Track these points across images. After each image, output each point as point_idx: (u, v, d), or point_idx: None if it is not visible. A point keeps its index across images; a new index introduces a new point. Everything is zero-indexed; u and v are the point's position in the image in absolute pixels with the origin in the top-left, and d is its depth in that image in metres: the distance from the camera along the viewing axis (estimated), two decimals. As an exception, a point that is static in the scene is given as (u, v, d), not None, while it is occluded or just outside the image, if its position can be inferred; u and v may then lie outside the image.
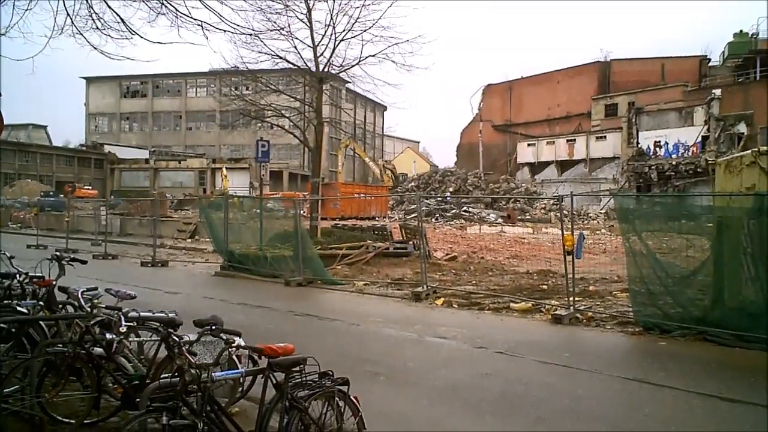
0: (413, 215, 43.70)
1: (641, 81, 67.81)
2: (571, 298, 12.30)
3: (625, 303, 12.72)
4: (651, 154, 59.82)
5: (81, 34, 11.04)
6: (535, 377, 8.40)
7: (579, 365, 8.86)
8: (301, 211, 20.84)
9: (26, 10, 10.97)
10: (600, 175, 66.93)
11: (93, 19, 10.90)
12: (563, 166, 71.86)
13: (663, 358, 9.31)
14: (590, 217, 51.88)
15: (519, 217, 50.23)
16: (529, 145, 76.56)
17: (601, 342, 10.67)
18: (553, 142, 73.44)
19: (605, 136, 67.45)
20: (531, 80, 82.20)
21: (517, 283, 16.83)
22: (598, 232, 34.68)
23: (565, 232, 12.65)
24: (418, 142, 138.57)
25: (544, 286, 15.96)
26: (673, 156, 57.89)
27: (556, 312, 12.13)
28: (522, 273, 18.76)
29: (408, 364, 9.05)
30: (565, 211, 15.05)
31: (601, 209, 54.98)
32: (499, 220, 48.52)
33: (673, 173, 55.75)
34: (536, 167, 74.69)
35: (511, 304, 13.55)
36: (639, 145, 60.62)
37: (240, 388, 5.97)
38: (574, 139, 71.13)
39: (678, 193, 45.12)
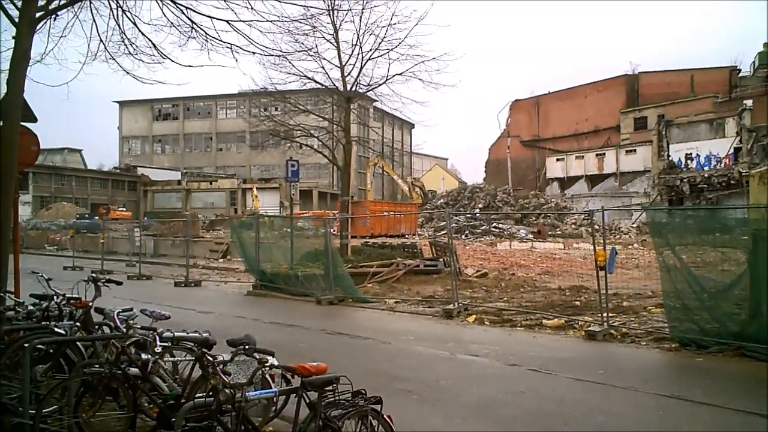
0: (443, 232, 43.61)
1: (670, 93, 67.18)
2: (605, 314, 12.16)
3: (660, 318, 12.51)
4: (682, 166, 59.06)
5: (114, 59, 11.34)
6: (569, 394, 8.30)
7: (614, 382, 8.73)
8: (331, 230, 20.93)
9: (61, 37, 11.30)
10: (631, 188, 66.27)
11: (125, 45, 11.19)
12: (593, 180, 71.28)
13: (700, 375, 9.15)
14: (622, 231, 51.29)
15: (549, 233, 49.84)
16: (558, 159, 76.13)
17: (636, 358, 10.51)
18: (582, 156, 72.94)
19: (635, 150, 66.81)
20: (558, 95, 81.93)
21: (549, 299, 16.67)
22: (630, 246, 34.31)
23: (597, 247, 12.54)
24: (446, 159, 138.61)
25: (577, 302, 15.79)
26: (705, 168, 57.09)
27: (589, 328, 11.99)
28: (554, 289, 18.58)
29: (440, 382, 9.01)
30: (596, 226, 14.92)
31: (633, 223, 54.30)
32: (530, 235, 48.19)
33: (705, 186, 54.86)
34: (566, 182, 74.21)
35: (544, 321, 13.43)
36: (670, 158, 59.91)
37: (273, 408, 6.00)
38: (604, 153, 70.58)
39: (711, 206, 44.40)
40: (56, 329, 6.93)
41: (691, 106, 62.93)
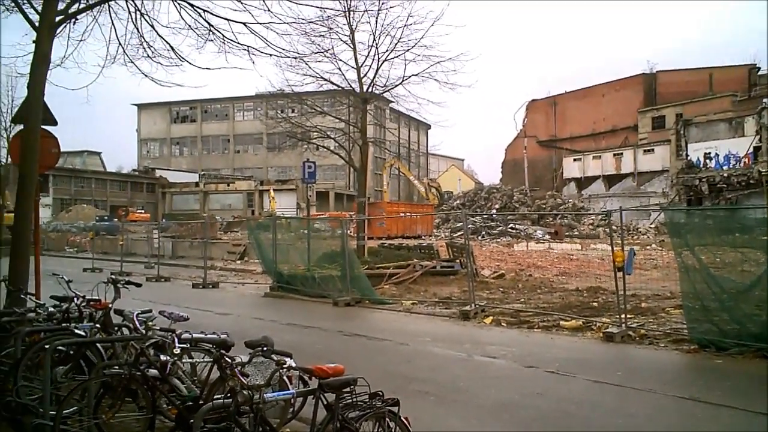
0: (459, 233, 43.54)
1: (688, 92, 66.61)
2: (623, 315, 12.08)
3: (679, 320, 12.40)
4: (701, 166, 58.53)
5: (133, 62, 11.47)
6: (587, 396, 8.26)
7: (632, 384, 8.67)
8: (348, 231, 20.96)
9: (80, 41, 11.45)
10: (649, 188, 65.78)
11: (144, 48, 11.32)
12: (610, 180, 70.84)
13: (719, 377, 9.07)
14: (640, 231, 50.95)
15: (566, 233, 49.61)
16: (575, 159, 75.76)
17: (654, 360, 10.43)
18: (600, 156, 72.50)
19: (653, 149, 66.31)
20: (575, 95, 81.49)
21: (567, 300, 16.60)
22: (648, 247, 34.07)
23: (614, 248, 12.47)
24: (463, 160, 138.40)
25: (595, 304, 15.71)
26: (724, 168, 56.52)
27: (607, 330, 11.92)
28: (571, 290, 18.50)
29: (457, 383, 9.00)
30: (614, 227, 14.84)
31: (651, 224, 53.93)
32: (547, 236, 48.03)
33: (724, 185, 54.34)
34: (583, 182, 73.81)
35: (561, 322, 13.37)
36: (688, 158, 59.41)
37: (291, 409, 6.02)
38: (621, 153, 70.11)
39: (731, 206, 43.95)
40: (76, 331, 6.98)
41: (710, 104, 62.35)
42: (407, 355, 11.06)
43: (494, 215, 54.72)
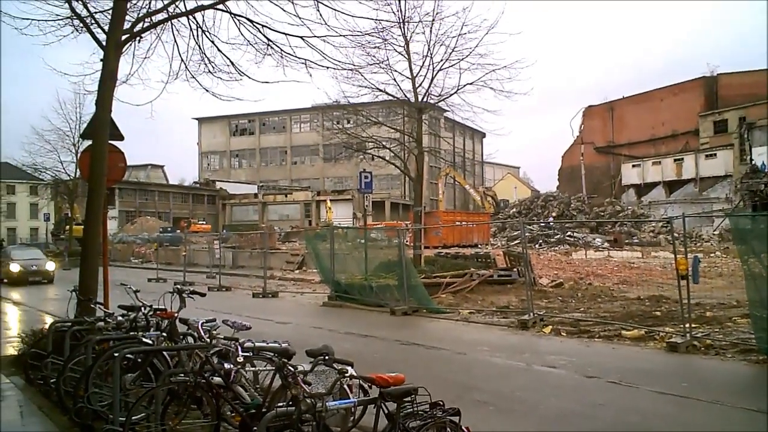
0: (516, 241, 43.10)
1: (751, 94, 64.31)
2: (687, 325, 11.76)
3: (746, 329, 12.04)
4: (766, 170, 56.47)
5: (194, 77, 11.80)
6: (651, 408, 8.08)
7: (698, 395, 8.45)
8: (405, 240, 21.00)
9: (144, 58, 11.86)
10: (711, 194, 63.81)
11: (205, 63, 11.65)
12: (671, 186, 69.03)
13: (791, 389, 8.75)
14: (703, 239, 49.45)
15: (626, 241, 48.51)
16: (633, 166, 74.12)
17: (721, 371, 10.14)
18: (660, 162, 70.76)
19: (715, 154, 64.39)
20: (632, 99, 79.73)
21: (628, 309, 16.28)
22: (712, 254, 33.11)
23: (677, 256, 12.18)
24: (518, 168, 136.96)
25: (657, 313, 15.36)
26: (791, 171, 54.37)
27: (671, 339, 11.64)
28: (632, 299, 18.13)
29: (517, 393, 8.92)
30: (676, 234, 14.49)
31: (715, 230, 52.29)
32: (606, 244, 47.06)
33: (791, 190, 52.24)
34: (642, 189, 72.12)
35: (623, 332, 13.12)
36: (753, 162, 57.38)
37: (351, 418, 6.07)
38: (682, 158, 68.27)
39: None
40: (144, 339, 7.20)
41: (774, 106, 60.21)
42: (465, 365, 11.02)
43: (551, 223, 53.94)
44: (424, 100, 24.48)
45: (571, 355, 11.35)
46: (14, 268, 30.07)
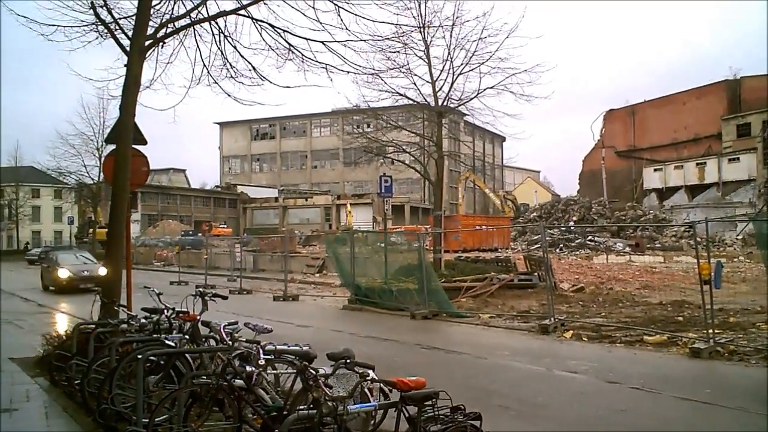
0: (537, 246, 42.88)
1: (775, 97, 63.59)
2: (710, 330, 11.63)
3: (772, 335, 11.89)
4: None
5: (216, 82, 11.92)
6: (674, 414, 8.01)
7: (722, 402, 8.35)
8: (424, 244, 21.00)
9: (167, 63, 11.99)
10: (735, 198, 63.05)
11: (227, 68, 11.75)
12: (693, 190, 68.33)
13: (818, 396, 8.62)
14: (726, 243, 48.85)
15: (648, 246, 48.07)
16: (655, 170, 73.48)
17: (745, 377, 10.01)
18: (682, 165, 70.09)
19: (738, 158, 63.67)
20: (654, 103, 78.99)
21: (650, 314, 16.13)
22: (735, 259, 32.70)
23: (700, 260, 12.05)
24: (539, 172, 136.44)
25: (680, 318, 15.21)
26: (817, 175, 53.66)
27: (694, 345, 11.51)
28: (654, 304, 17.97)
29: (538, 398, 8.88)
30: (698, 238, 14.33)
31: (738, 235, 51.64)
32: (627, 249, 46.67)
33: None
34: (664, 193, 71.48)
35: (645, 337, 13.01)
36: (776, 166, 56.76)
37: (372, 421, 6.08)
38: (705, 162, 67.57)
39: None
40: (167, 341, 7.26)
41: (799, 109, 59.46)
42: (486, 369, 10.98)
43: (572, 227, 53.60)
44: (444, 104, 24.53)
45: (593, 360, 11.27)
46: (63, 274, 27.08)
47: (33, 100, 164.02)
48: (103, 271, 22.93)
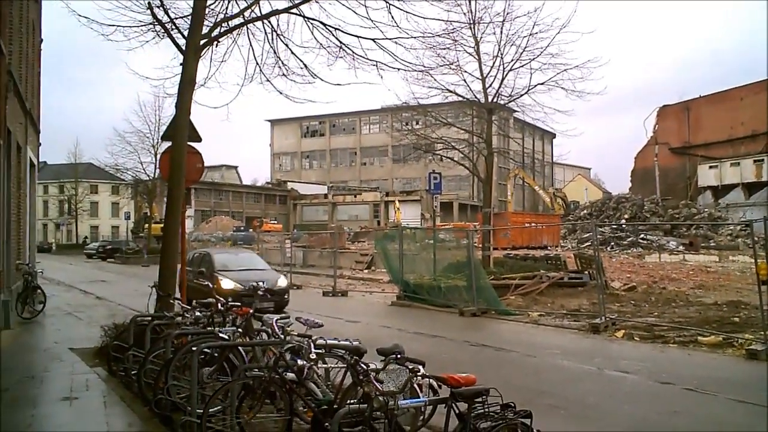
0: (587, 244, 42.26)
1: (838, 91, 61.18)
2: (768, 332, 11.33)
3: (834, 338, 11.49)
4: None
5: (269, 80, 12.08)
6: (729, 417, 7.84)
7: (781, 406, 8.13)
8: (473, 242, 20.92)
9: (221, 62, 12.22)
10: (794, 196, 60.98)
11: (279, 66, 11.90)
12: (750, 188, 66.25)
13: None
14: (785, 243, 47.24)
15: (702, 245, 46.88)
16: (710, 167, 71.49)
17: (806, 381, 9.71)
18: (738, 163, 67.99)
19: (798, 154, 61.47)
20: (710, 99, 76.71)
21: (704, 315, 15.75)
22: (796, 259, 31.68)
23: (758, 260, 11.73)
24: (590, 169, 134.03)
25: (736, 319, 14.82)
26: None
27: (750, 347, 11.23)
28: (709, 304, 17.55)
29: (588, 398, 8.78)
30: (756, 237, 13.95)
31: (799, 234, 49.91)
32: (681, 247, 45.62)
33: None
34: (720, 191, 69.49)
35: (699, 338, 12.73)
36: (841, 162, 54.63)
37: (421, 417, 6.11)
38: (762, 159, 65.40)
39: None
40: (220, 334, 7.43)
41: None
42: (535, 368, 10.91)
43: (624, 225, 52.58)
44: (494, 100, 24.33)
45: (645, 360, 11.09)
46: (227, 285, 16.46)
47: (92, 99, 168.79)
48: (283, 281, 18.06)
